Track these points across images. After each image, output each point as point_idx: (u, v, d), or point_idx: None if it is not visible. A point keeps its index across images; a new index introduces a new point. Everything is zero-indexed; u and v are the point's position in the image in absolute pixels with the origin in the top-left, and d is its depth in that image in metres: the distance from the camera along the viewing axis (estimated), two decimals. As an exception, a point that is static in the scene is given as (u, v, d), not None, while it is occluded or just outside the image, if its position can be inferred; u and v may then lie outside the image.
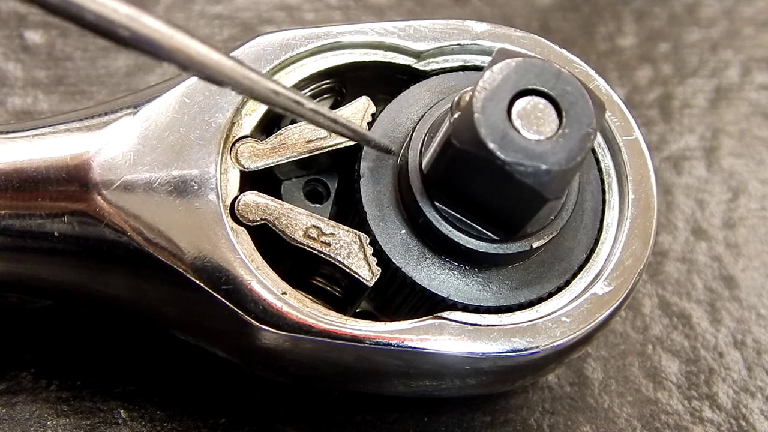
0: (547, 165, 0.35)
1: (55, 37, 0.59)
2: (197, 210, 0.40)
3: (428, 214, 0.40)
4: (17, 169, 0.41)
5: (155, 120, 0.41)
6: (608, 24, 0.66)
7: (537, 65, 0.37)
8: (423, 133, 0.41)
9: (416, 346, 0.39)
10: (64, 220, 0.41)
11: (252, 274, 0.39)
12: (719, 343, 0.55)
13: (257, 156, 0.42)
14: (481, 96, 0.36)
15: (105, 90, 0.58)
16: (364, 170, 0.42)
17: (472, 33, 0.45)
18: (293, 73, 0.44)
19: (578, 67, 0.45)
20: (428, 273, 0.41)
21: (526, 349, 0.40)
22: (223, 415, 0.49)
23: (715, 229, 0.59)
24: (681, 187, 0.60)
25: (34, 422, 0.47)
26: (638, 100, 0.63)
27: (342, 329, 0.39)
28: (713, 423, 0.52)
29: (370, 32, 0.44)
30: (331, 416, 0.50)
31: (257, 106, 0.43)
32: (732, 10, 0.68)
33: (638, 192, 0.43)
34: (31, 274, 0.43)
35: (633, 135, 0.44)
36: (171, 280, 0.40)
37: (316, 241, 0.41)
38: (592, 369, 0.53)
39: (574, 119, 0.36)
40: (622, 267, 0.42)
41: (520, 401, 0.51)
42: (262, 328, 0.39)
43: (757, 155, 0.62)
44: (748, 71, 0.65)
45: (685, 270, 0.57)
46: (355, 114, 0.43)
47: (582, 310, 0.41)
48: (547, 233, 0.40)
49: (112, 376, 0.49)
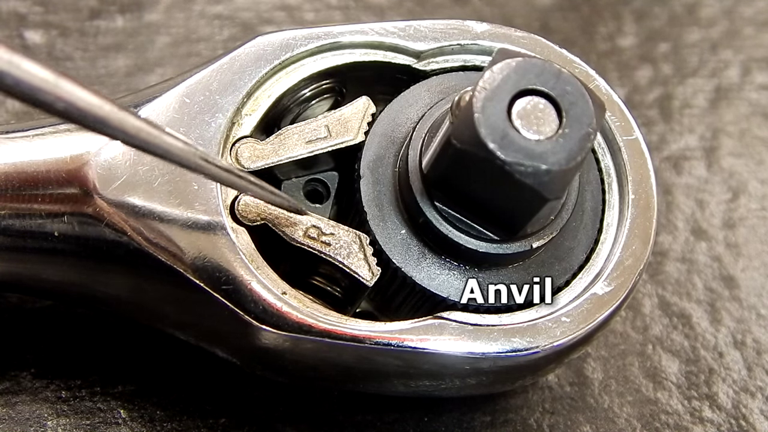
0: (547, 165, 0.35)
1: (55, 37, 0.59)
2: (197, 210, 0.40)
3: (428, 214, 0.40)
4: (17, 169, 0.41)
5: (155, 120, 0.41)
6: (608, 24, 0.66)
7: (537, 65, 0.37)
8: (423, 133, 0.41)
9: (416, 346, 0.39)
10: (64, 220, 0.41)
11: (252, 274, 0.39)
12: (719, 343, 0.55)
13: (257, 156, 0.42)
14: (481, 96, 0.36)
15: (105, 90, 0.58)
16: (364, 170, 0.42)
17: (472, 33, 0.45)
18: (293, 73, 0.44)
19: (578, 67, 0.45)
20: (428, 273, 0.41)
21: (526, 349, 0.40)
22: (223, 415, 0.49)
23: (715, 229, 0.59)
24: (681, 187, 0.60)
25: (34, 422, 0.47)
26: (638, 100, 0.63)
27: (342, 329, 0.39)
28: (713, 423, 0.52)
29: (370, 32, 0.44)
30: (331, 416, 0.50)
31: (257, 106, 0.43)
32: (732, 10, 0.68)
33: (638, 192, 0.43)
34: (31, 274, 0.43)
35: (633, 135, 0.44)
36: (171, 280, 0.40)
37: (316, 241, 0.41)
38: (592, 369, 0.53)
39: (574, 119, 0.36)
40: (622, 267, 0.42)
41: (520, 401, 0.51)
42: (262, 328, 0.39)
43: (757, 155, 0.62)
44: (748, 71, 0.65)
45: (685, 270, 0.57)
46: (356, 114, 0.43)
47: (582, 310, 0.41)
48: (547, 233, 0.40)
49: (112, 376, 0.49)
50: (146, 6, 0.61)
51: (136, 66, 0.59)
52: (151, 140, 0.31)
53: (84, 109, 0.28)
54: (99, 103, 0.29)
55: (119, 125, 0.30)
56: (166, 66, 0.59)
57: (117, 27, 0.60)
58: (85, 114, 0.28)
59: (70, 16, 0.60)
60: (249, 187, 0.38)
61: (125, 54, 0.59)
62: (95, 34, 0.60)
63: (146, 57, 0.60)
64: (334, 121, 0.43)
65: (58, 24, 0.60)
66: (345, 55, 0.44)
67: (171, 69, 0.59)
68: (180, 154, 0.33)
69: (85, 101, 0.28)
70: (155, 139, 0.32)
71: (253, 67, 0.43)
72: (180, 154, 0.33)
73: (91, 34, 0.60)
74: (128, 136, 0.30)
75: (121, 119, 0.30)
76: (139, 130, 0.31)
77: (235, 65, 0.43)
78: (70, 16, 0.60)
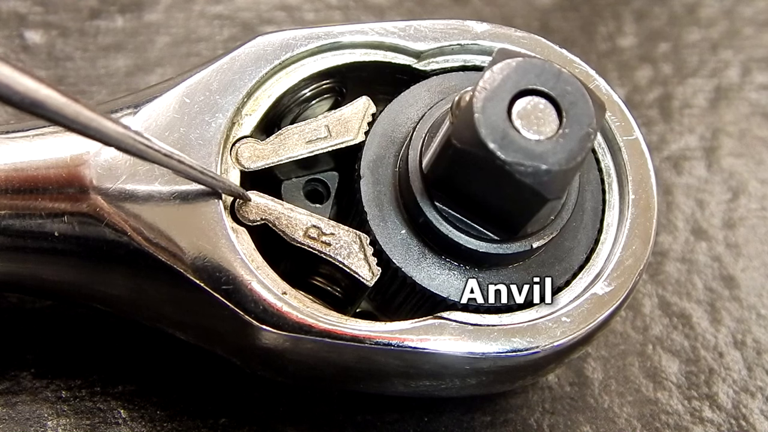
0: (547, 165, 0.35)
1: (55, 37, 0.59)
2: (197, 210, 0.40)
3: (428, 214, 0.40)
4: (17, 169, 0.41)
5: (155, 120, 0.41)
6: (608, 24, 0.66)
7: (537, 65, 0.37)
8: (423, 133, 0.41)
9: (416, 346, 0.39)
10: (64, 220, 0.41)
11: (252, 274, 0.39)
12: (719, 343, 0.55)
13: (257, 156, 0.42)
14: (481, 96, 0.36)
15: (105, 90, 0.58)
16: (364, 170, 0.42)
17: (472, 33, 0.45)
18: (293, 73, 0.44)
19: (578, 67, 0.45)
20: (428, 273, 0.41)
21: (526, 349, 0.40)
22: (223, 415, 0.49)
23: (715, 229, 0.59)
24: (681, 187, 0.60)
25: (34, 422, 0.47)
26: (638, 100, 0.63)
27: (342, 329, 0.39)
28: (713, 423, 0.52)
29: (370, 32, 0.44)
30: (331, 416, 0.50)
31: (258, 106, 0.43)
32: (732, 10, 0.68)
33: (638, 192, 0.43)
34: (31, 274, 0.43)
35: (633, 135, 0.44)
36: (171, 280, 0.40)
37: (316, 241, 0.41)
38: (592, 369, 0.53)
39: (574, 119, 0.36)
40: (622, 267, 0.42)
41: (520, 401, 0.51)
42: (262, 328, 0.39)
43: (757, 155, 0.62)
44: (748, 71, 0.65)
45: (685, 270, 0.57)
46: (356, 114, 0.43)
47: (582, 310, 0.41)
48: (547, 233, 0.40)
49: (112, 376, 0.49)
50: (146, 6, 0.61)
51: (136, 66, 0.59)
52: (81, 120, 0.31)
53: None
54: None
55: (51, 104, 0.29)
56: (166, 66, 0.59)
57: (117, 27, 0.60)
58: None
59: (70, 16, 0.60)
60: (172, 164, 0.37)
61: (125, 54, 0.59)
62: (95, 34, 0.60)
63: (146, 57, 0.60)
64: (334, 121, 0.43)
65: (58, 24, 0.60)
66: (345, 55, 0.44)
67: (171, 69, 0.59)
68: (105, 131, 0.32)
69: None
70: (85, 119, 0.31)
71: (253, 67, 0.43)
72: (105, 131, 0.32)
73: (91, 34, 0.60)
74: (60, 116, 0.30)
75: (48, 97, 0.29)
76: (76, 113, 0.30)
77: (235, 65, 0.43)
78: (70, 16, 0.60)
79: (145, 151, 0.35)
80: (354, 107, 0.43)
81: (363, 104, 0.43)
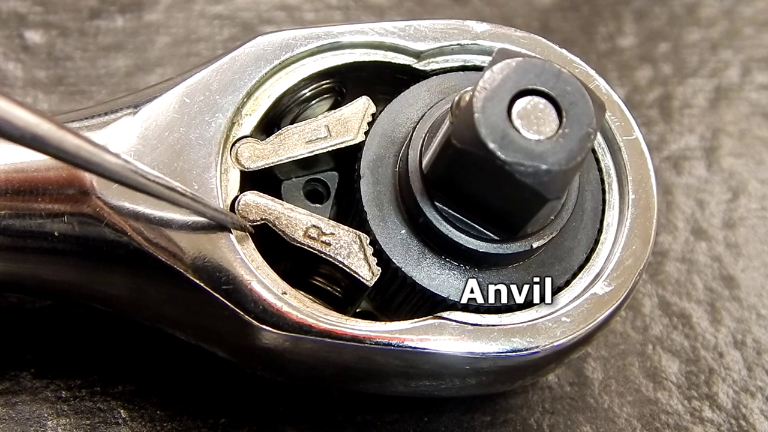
0: (547, 165, 0.35)
1: (55, 37, 0.59)
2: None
3: (428, 214, 0.40)
4: (18, 170, 0.41)
5: (155, 120, 0.41)
6: (608, 24, 0.66)
7: (537, 65, 0.36)
8: (423, 133, 0.41)
9: (416, 346, 0.39)
10: (64, 220, 0.41)
11: (252, 274, 0.39)
12: (719, 343, 0.55)
13: (257, 156, 0.42)
14: (481, 96, 0.36)
15: (105, 90, 0.58)
16: (364, 170, 0.42)
17: (472, 33, 0.45)
18: (293, 73, 0.44)
19: (578, 67, 0.45)
20: (428, 273, 0.41)
21: (526, 349, 0.40)
22: (223, 415, 0.49)
23: (715, 229, 0.59)
24: (681, 187, 0.60)
25: (34, 422, 0.47)
26: (638, 100, 0.63)
27: (342, 329, 0.39)
28: (713, 423, 0.52)
29: (370, 32, 0.44)
30: (331, 416, 0.50)
31: (257, 106, 0.43)
32: (732, 10, 0.68)
33: (638, 192, 0.43)
34: (31, 274, 0.43)
35: (633, 135, 0.44)
36: (171, 280, 0.40)
37: (316, 241, 0.41)
38: (592, 369, 0.53)
39: (574, 119, 0.36)
40: (622, 267, 0.42)
41: (520, 401, 0.51)
42: (262, 328, 0.39)
43: (757, 155, 0.62)
44: (748, 71, 0.65)
45: (685, 270, 0.57)
46: (355, 114, 0.43)
47: (582, 310, 0.41)
48: (547, 233, 0.40)
49: (112, 376, 0.49)
50: (146, 6, 0.61)
51: (136, 66, 0.59)
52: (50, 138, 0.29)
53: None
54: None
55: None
56: (166, 66, 0.59)
57: (117, 27, 0.60)
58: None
59: (70, 16, 0.60)
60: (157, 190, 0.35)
61: (125, 54, 0.59)
62: (95, 34, 0.60)
63: (146, 57, 0.60)
64: (334, 121, 0.43)
65: (58, 24, 0.60)
66: (345, 55, 0.44)
67: (171, 69, 0.59)
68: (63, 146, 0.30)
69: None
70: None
71: (253, 67, 0.43)
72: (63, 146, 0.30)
73: (91, 34, 0.60)
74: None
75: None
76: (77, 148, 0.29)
77: (235, 65, 0.43)
78: (70, 16, 0.60)
79: (150, 187, 0.34)
80: (354, 107, 0.43)
81: (363, 104, 0.43)
